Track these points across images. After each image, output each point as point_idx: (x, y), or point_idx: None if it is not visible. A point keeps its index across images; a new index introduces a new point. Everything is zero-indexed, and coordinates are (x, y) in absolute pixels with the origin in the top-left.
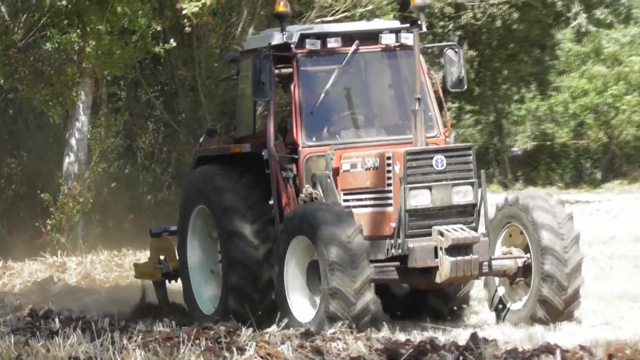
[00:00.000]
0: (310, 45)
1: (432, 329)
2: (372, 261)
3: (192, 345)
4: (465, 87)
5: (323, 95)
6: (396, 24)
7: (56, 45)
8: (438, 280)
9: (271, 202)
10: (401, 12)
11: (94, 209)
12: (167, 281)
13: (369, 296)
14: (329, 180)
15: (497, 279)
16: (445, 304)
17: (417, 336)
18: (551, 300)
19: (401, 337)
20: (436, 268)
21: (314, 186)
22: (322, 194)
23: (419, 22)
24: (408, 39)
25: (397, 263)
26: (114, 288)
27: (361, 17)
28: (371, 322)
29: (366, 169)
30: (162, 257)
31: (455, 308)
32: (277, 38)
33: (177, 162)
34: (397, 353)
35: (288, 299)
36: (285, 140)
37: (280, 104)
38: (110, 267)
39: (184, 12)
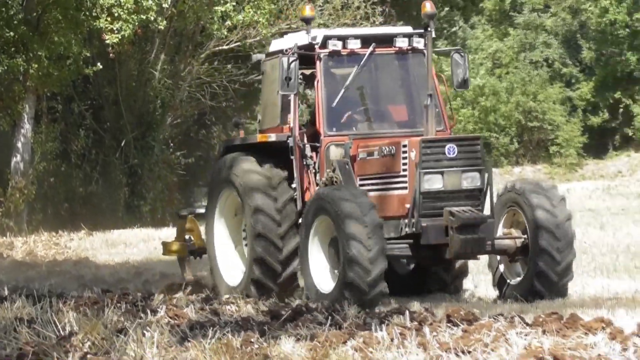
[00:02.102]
0: (333, 46)
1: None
2: (387, 239)
3: (114, 308)
4: (469, 87)
5: (343, 91)
6: (409, 29)
7: (5, 67)
8: (448, 256)
9: (294, 185)
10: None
11: (36, 199)
12: (191, 257)
13: (383, 265)
14: (347, 167)
15: (498, 258)
16: (447, 273)
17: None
18: (546, 272)
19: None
20: (446, 245)
21: (333, 172)
22: (341, 179)
23: (429, 29)
24: (419, 42)
25: (410, 240)
26: (52, 262)
27: (250, 46)
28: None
29: (382, 156)
30: (187, 237)
31: (456, 277)
32: (303, 39)
33: (103, 162)
34: (279, 314)
35: (311, 272)
36: (306, 132)
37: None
38: (49, 246)
39: (107, 41)
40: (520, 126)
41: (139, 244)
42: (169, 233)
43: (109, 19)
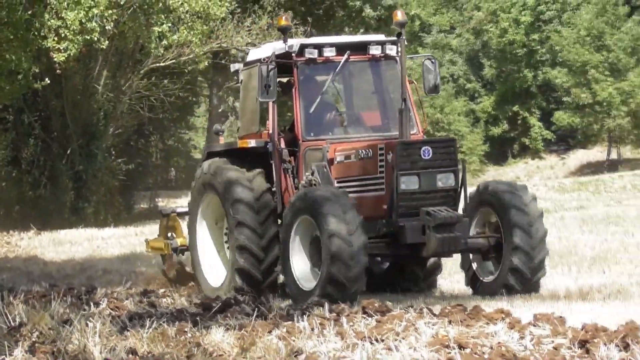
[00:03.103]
0: (309, 54)
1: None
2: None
3: (60, 301)
4: (440, 92)
5: (319, 97)
6: (382, 37)
7: None
8: (425, 254)
9: (273, 189)
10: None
11: None
12: (174, 254)
13: (364, 260)
14: (325, 170)
15: (471, 256)
16: (421, 269)
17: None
18: (520, 269)
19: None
20: (423, 244)
21: (312, 175)
22: (319, 181)
23: (402, 37)
24: (392, 50)
25: (388, 240)
26: (4, 259)
27: (184, 63)
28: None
29: (359, 159)
30: (170, 234)
31: (429, 273)
32: (280, 48)
33: (50, 168)
34: (210, 306)
35: (293, 271)
36: (285, 137)
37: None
38: (1, 244)
39: (55, 59)
40: (428, 136)
41: (84, 243)
42: (111, 233)
43: (56, 38)
